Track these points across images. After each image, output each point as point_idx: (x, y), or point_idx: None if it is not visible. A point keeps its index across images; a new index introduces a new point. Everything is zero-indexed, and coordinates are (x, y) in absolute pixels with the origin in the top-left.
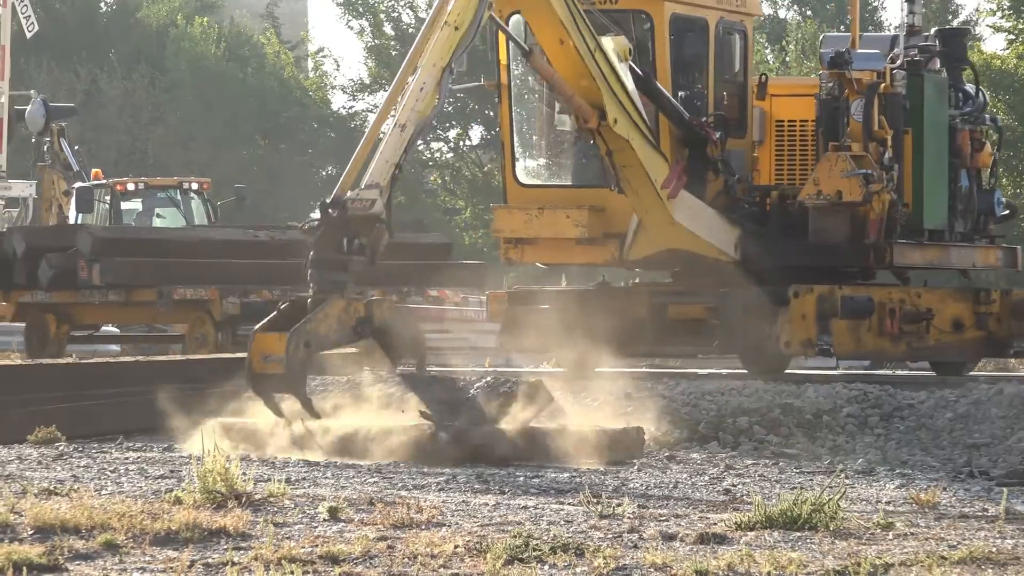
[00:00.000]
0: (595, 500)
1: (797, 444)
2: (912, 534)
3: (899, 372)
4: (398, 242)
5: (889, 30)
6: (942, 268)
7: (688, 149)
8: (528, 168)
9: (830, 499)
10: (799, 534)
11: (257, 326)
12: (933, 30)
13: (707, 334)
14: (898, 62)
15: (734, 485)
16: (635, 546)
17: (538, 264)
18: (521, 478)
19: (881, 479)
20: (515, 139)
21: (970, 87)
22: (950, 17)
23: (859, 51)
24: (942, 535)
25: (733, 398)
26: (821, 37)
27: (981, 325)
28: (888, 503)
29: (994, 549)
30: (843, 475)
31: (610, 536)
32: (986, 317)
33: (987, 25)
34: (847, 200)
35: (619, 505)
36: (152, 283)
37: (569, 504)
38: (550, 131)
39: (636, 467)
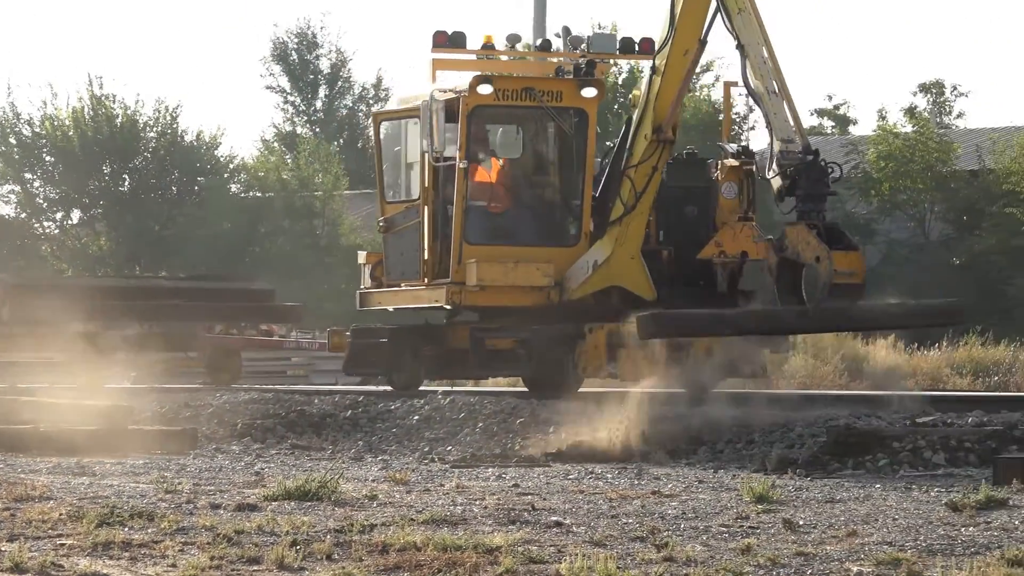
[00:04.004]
0: (162, 480)
1: (308, 439)
2: (390, 503)
3: (380, 388)
4: (235, 287)
5: None
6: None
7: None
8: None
9: (331, 478)
10: (310, 503)
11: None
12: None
13: (516, 361)
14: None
15: (263, 469)
16: (191, 513)
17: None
18: (108, 464)
19: (368, 464)
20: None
21: None
22: None
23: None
24: (411, 503)
25: (262, 406)
26: None
27: None
28: (373, 481)
29: (448, 513)
30: (341, 461)
31: (173, 506)
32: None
33: None
34: (754, 259)
35: (179, 483)
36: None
37: (143, 483)
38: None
39: (192, 456)
